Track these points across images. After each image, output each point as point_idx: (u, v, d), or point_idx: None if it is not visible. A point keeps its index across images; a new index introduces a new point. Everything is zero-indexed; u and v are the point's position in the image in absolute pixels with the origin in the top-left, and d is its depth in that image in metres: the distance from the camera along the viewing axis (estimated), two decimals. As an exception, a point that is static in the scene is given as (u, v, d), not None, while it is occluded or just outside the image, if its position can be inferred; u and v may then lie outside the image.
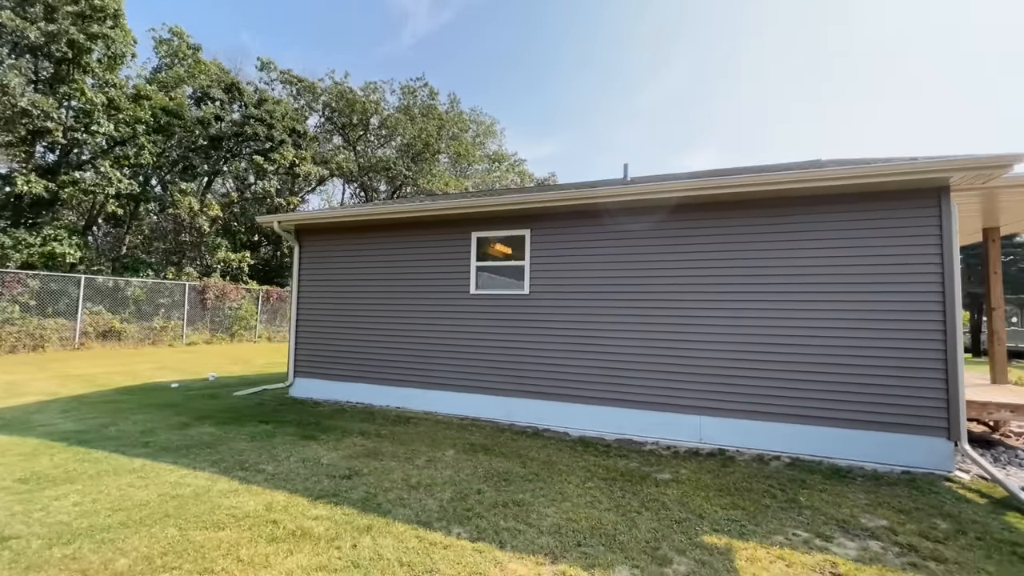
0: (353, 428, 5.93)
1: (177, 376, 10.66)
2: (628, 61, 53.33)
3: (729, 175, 5.71)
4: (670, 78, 52.14)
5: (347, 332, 7.73)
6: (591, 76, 55.92)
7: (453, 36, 49.94)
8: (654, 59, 52.00)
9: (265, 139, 20.88)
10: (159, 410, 6.79)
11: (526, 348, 6.47)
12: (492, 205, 6.60)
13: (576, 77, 56.12)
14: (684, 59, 50.73)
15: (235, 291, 18.58)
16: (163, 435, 5.39)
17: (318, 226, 8.05)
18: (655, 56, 51.24)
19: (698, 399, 5.60)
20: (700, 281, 5.69)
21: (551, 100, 57.72)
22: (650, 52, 51.22)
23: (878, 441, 4.89)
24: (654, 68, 52.99)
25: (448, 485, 4.03)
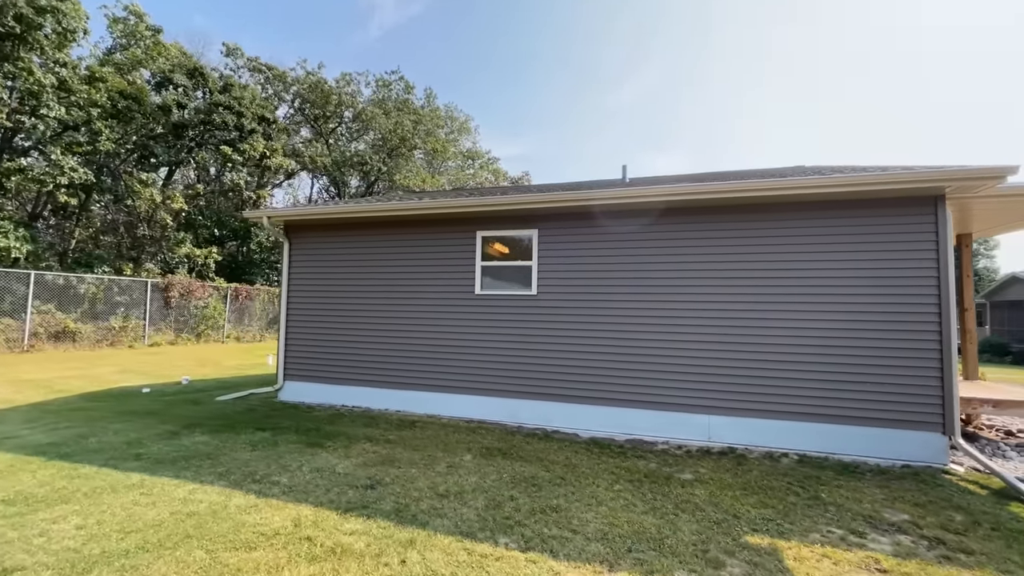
0: (358, 434, 5.70)
1: (144, 380, 10.00)
2: (601, 62, 54.09)
3: (736, 179, 5.83)
4: (640, 81, 53.23)
5: (343, 334, 7.44)
6: (563, 77, 56.33)
7: (422, 30, 49.09)
8: (627, 62, 52.94)
9: (234, 128, 19.77)
10: (139, 418, 6.32)
11: (534, 349, 6.41)
12: (499, 204, 6.49)
13: (547, 78, 56.37)
14: (655, 62, 51.89)
15: (202, 288, 17.57)
16: (153, 446, 5.00)
17: (312, 222, 7.69)
18: (628, 59, 52.18)
19: (707, 399, 5.70)
20: (707, 283, 5.79)
21: (522, 100, 57.75)
22: (624, 53, 52.09)
23: (878, 437, 5.13)
24: (626, 71, 53.97)
25: (478, 492, 3.92)
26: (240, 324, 19.48)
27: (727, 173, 7.46)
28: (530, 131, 60.33)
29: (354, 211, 7.20)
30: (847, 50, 48.04)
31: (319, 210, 7.39)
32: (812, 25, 44.33)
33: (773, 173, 6.56)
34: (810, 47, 49.71)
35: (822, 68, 51.90)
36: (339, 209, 7.33)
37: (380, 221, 7.31)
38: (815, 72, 52.28)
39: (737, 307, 5.67)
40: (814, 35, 46.87)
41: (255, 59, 25.00)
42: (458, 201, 6.67)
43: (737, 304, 5.67)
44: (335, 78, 25.91)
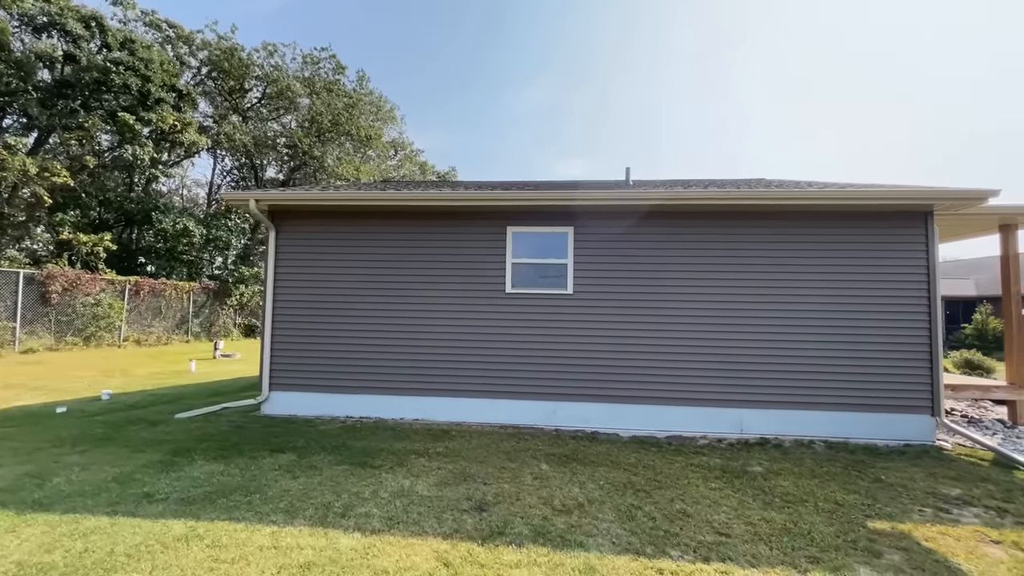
0: (397, 448, 5.09)
1: (44, 396, 8.07)
2: (510, 66, 54.74)
3: (765, 187, 6.24)
4: (540, 90, 54.79)
5: (344, 336, 6.60)
6: (474, 75, 55.80)
7: (322, 7, 45.30)
8: (534, 68, 54.15)
9: (137, 93, 16.41)
10: (94, 447, 5.01)
11: (570, 349, 6.27)
12: (533, 200, 6.21)
13: (460, 74, 55.48)
14: (557, 72, 53.75)
15: (92, 282, 14.45)
16: (156, 482, 3.97)
17: (309, 208, 6.70)
18: (535, 65, 53.42)
19: (738, 393, 6.04)
20: (736, 284, 6.13)
21: (427, 97, 56.01)
22: (533, 59, 53.29)
23: (883, 421, 5.84)
24: (531, 77, 55.12)
25: (595, 504, 3.71)
26: (142, 325, 16.42)
27: (746, 181, 7.96)
28: (433, 126, 58.78)
29: (365, 199, 6.42)
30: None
31: (322, 196, 6.44)
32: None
33: (788, 184, 7.12)
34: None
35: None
36: (346, 196, 6.47)
37: (393, 211, 6.61)
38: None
39: (763, 306, 6.08)
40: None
41: (151, 12, 21.10)
42: (488, 194, 6.27)
43: (762, 303, 6.08)
44: (254, 47, 22.95)
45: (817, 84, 50.55)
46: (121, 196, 17.54)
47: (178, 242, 17.84)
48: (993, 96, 44.61)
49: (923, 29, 40.69)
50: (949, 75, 44.28)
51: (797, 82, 52.92)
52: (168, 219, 17.58)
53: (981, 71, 41.82)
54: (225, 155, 28.63)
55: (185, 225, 17.67)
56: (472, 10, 47.59)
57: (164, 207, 18.04)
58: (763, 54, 51.56)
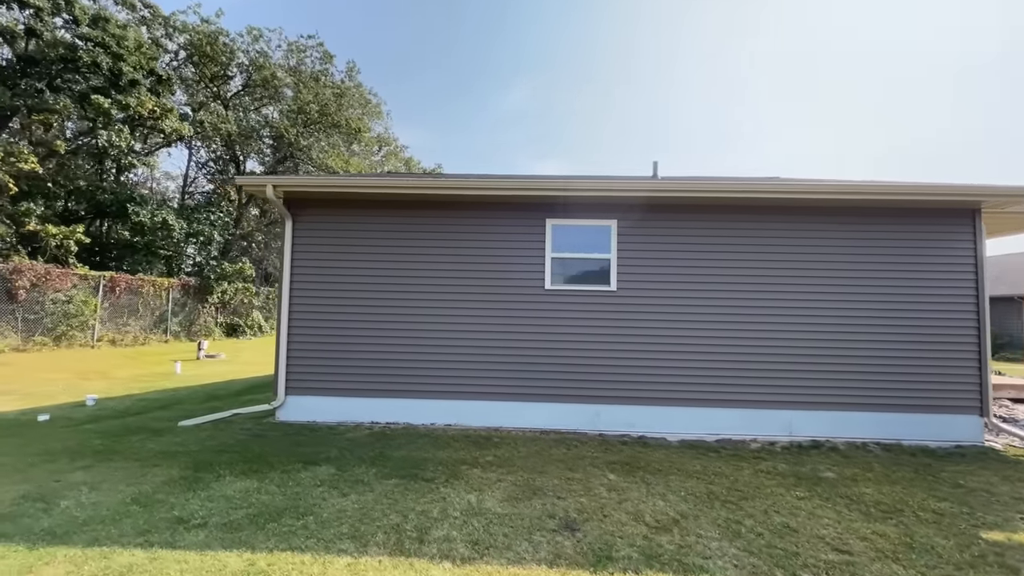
0: (443, 458, 4.66)
1: (18, 402, 7.33)
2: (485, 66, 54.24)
3: (818, 183, 6.03)
4: (519, 91, 54.53)
5: (370, 336, 6.10)
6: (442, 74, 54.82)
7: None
8: (508, 71, 53.84)
9: (109, 73, 15.19)
10: (99, 462, 4.40)
11: (614, 349, 5.94)
12: (575, 189, 5.86)
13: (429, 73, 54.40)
14: (535, 73, 53.61)
15: (63, 277, 13.34)
16: (180, 502, 3.45)
17: (331, 196, 6.16)
18: (509, 68, 53.09)
19: (786, 394, 5.83)
20: (785, 284, 5.92)
21: (410, 94, 54.72)
22: (506, 62, 52.94)
23: (932, 422, 5.73)
24: (506, 80, 54.75)
25: (691, 518, 3.39)
26: (118, 323, 15.30)
27: (774, 179, 7.78)
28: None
29: (394, 186, 5.93)
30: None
31: (346, 182, 5.91)
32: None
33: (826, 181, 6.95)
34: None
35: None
36: (373, 183, 5.97)
37: (423, 200, 6.14)
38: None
39: (811, 305, 5.89)
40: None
41: (126, -10, 19.66)
42: (527, 183, 5.88)
43: (810, 302, 5.89)
44: (238, 32, 21.74)
45: (833, 82, 51.17)
46: (93, 186, 16.29)
47: (156, 236, 16.73)
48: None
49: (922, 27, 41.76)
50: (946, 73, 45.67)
51: (807, 81, 53.70)
52: (145, 211, 16.44)
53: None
54: (201, 146, 27.29)
55: (164, 218, 16.57)
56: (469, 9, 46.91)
57: (141, 199, 16.87)
58: (771, 53, 52.25)
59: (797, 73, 53.88)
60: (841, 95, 54.51)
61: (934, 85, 49.79)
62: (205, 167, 30.49)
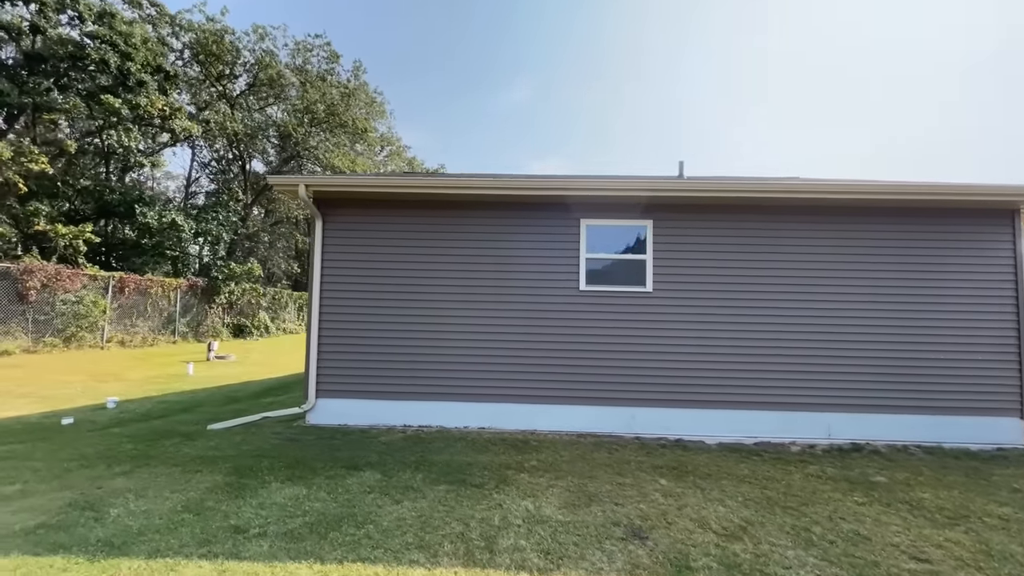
0: (485, 462, 4.58)
1: (36, 405, 7.26)
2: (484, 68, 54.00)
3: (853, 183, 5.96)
4: (521, 90, 54.34)
5: (401, 338, 6.01)
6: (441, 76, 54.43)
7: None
8: (508, 69, 53.65)
9: (117, 72, 15.04)
10: (135, 466, 4.31)
11: (649, 351, 5.87)
12: (611, 189, 5.80)
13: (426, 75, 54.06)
14: (537, 71, 53.47)
15: (73, 278, 13.20)
16: (232, 510, 3.36)
17: (362, 196, 6.07)
18: (509, 66, 52.90)
19: (825, 396, 5.76)
20: (822, 283, 5.86)
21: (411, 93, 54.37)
22: (507, 61, 52.76)
23: (972, 424, 5.66)
24: (508, 79, 54.52)
25: (757, 525, 3.31)
26: (126, 324, 15.16)
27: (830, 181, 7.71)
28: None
29: (429, 185, 5.85)
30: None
31: (379, 182, 5.82)
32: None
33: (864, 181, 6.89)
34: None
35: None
36: (407, 182, 5.88)
37: (455, 200, 6.05)
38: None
39: (849, 307, 5.82)
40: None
41: (129, -11, 19.50)
42: (561, 182, 5.81)
43: (848, 304, 5.82)
44: (244, 30, 21.61)
45: (831, 81, 50.84)
46: (100, 186, 16.13)
47: (165, 236, 16.59)
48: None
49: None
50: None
51: (802, 81, 53.45)
52: (153, 212, 16.30)
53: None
54: (204, 146, 27.13)
55: (173, 219, 16.43)
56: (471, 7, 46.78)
57: (149, 199, 16.73)
58: (777, 52, 52.02)
59: (794, 72, 53.86)
60: (837, 94, 54.51)
61: (924, 84, 49.80)
62: (208, 167, 30.38)
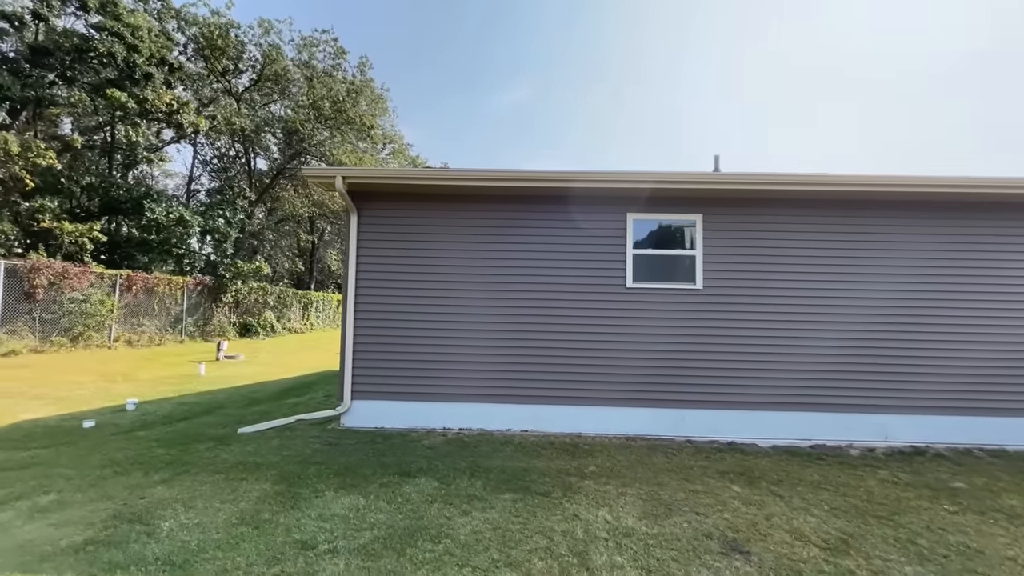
0: (542, 468, 4.35)
1: (44, 407, 6.96)
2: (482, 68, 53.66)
3: (914, 176, 5.75)
4: (520, 90, 53.96)
5: (439, 337, 5.77)
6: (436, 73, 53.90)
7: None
8: (506, 69, 53.29)
9: (123, 64, 14.67)
10: (173, 472, 4.06)
11: (699, 350, 5.65)
12: (660, 181, 5.55)
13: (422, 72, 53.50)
14: (531, 71, 53.06)
15: (81, 276, 12.87)
16: (292, 522, 3.12)
17: (402, 190, 5.81)
18: (509, 65, 52.54)
19: (881, 398, 5.55)
20: (877, 281, 5.64)
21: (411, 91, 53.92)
22: (505, 61, 52.40)
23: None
24: (505, 78, 54.10)
25: (858, 537, 3.10)
26: (132, 323, 14.84)
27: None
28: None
29: (469, 177, 5.58)
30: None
31: (421, 174, 5.58)
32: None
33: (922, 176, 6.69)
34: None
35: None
36: (449, 175, 5.63)
37: (496, 194, 5.81)
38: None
39: (907, 305, 5.61)
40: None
41: (134, -17, 19.09)
42: (606, 175, 5.56)
43: (906, 302, 5.61)
44: (248, 24, 21.21)
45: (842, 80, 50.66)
46: (105, 183, 15.78)
47: (172, 233, 16.26)
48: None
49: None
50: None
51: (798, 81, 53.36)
52: (161, 208, 15.96)
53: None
54: (206, 143, 26.75)
55: (181, 214, 16.10)
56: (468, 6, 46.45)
57: (157, 195, 16.39)
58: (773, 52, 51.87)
59: (789, 72, 53.68)
60: (832, 94, 54.42)
61: (913, 85, 49.71)
62: (209, 164, 30.00)
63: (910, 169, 30.81)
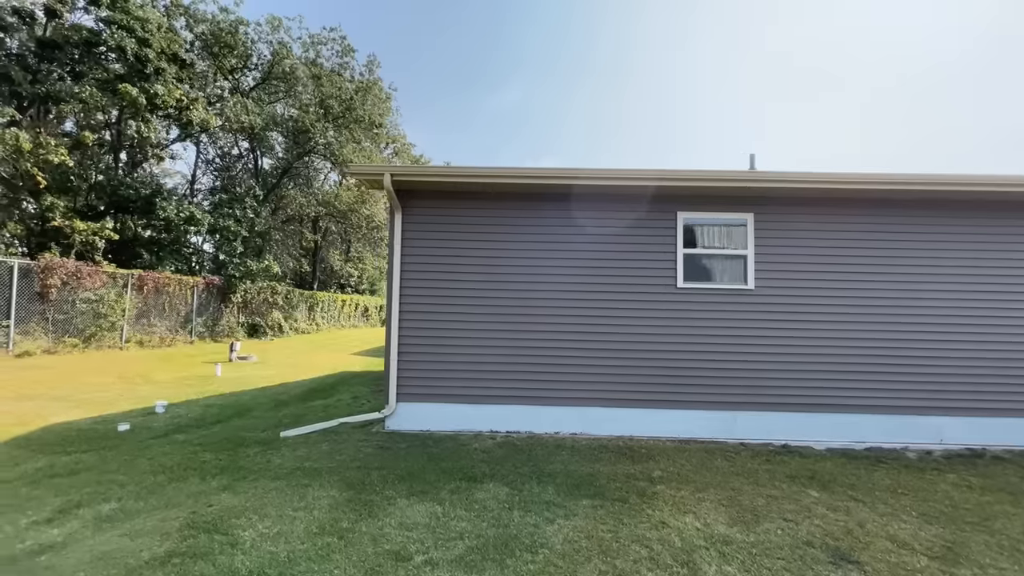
0: (607, 473, 4.25)
1: (70, 410, 6.80)
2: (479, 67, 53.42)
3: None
4: (514, 91, 53.78)
5: (485, 339, 5.65)
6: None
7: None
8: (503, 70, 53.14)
9: (135, 59, 14.43)
10: (232, 479, 3.94)
11: (751, 352, 5.55)
12: (709, 180, 5.46)
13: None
14: (531, 71, 52.86)
15: (94, 275, 12.65)
16: (375, 531, 3.00)
17: (448, 188, 5.69)
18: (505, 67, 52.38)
19: (936, 399, 5.48)
20: (932, 280, 5.57)
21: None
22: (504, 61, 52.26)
23: (1089, 427, 5.41)
24: (501, 79, 53.90)
25: (960, 545, 3.00)
26: (144, 324, 14.63)
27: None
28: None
29: (516, 174, 5.45)
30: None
31: (469, 172, 5.41)
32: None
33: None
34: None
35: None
36: (498, 172, 5.46)
37: (543, 193, 5.70)
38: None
39: (961, 305, 5.54)
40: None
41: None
42: (659, 173, 5.45)
43: (960, 301, 5.54)
44: (257, 21, 20.97)
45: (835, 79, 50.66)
46: (114, 181, 15.54)
47: (182, 232, 16.03)
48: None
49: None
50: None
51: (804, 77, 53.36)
52: (171, 206, 15.74)
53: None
54: (208, 142, 26.48)
55: (191, 213, 15.89)
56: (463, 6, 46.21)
57: (168, 193, 16.16)
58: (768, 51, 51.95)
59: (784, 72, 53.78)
60: (831, 94, 54.57)
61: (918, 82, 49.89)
62: (212, 163, 29.75)
63: (973, 168, 30.01)
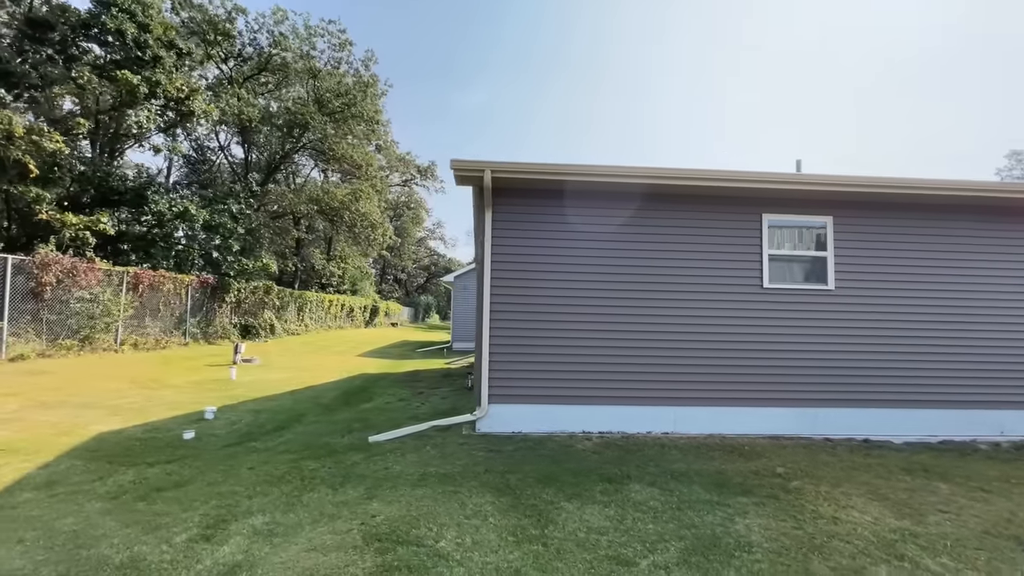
0: (728, 470, 4.29)
1: (115, 419, 6.32)
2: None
3: None
4: (480, 92, 54.06)
5: (576, 339, 5.60)
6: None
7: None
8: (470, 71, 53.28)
9: (133, 45, 13.45)
10: (372, 488, 3.74)
11: (832, 350, 5.73)
12: (795, 183, 5.62)
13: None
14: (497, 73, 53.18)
15: (90, 273, 11.74)
16: (564, 537, 2.93)
17: (541, 186, 5.59)
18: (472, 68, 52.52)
19: (999, 393, 5.81)
20: (997, 279, 5.91)
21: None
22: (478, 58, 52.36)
23: None
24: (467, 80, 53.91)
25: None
26: (138, 325, 13.70)
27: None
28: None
29: (615, 173, 5.41)
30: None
31: (571, 169, 5.28)
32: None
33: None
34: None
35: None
36: (598, 171, 5.38)
37: (633, 192, 5.70)
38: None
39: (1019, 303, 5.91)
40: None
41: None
42: (745, 175, 5.56)
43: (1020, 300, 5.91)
44: (260, 12, 20.00)
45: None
46: (102, 171, 14.47)
47: (175, 227, 15.12)
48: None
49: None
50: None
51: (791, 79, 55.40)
52: (164, 200, 14.82)
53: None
54: (202, 136, 25.19)
55: (185, 207, 14.99)
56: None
57: (161, 186, 15.17)
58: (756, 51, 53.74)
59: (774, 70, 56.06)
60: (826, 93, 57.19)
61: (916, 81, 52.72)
62: (187, 157, 28.32)
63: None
